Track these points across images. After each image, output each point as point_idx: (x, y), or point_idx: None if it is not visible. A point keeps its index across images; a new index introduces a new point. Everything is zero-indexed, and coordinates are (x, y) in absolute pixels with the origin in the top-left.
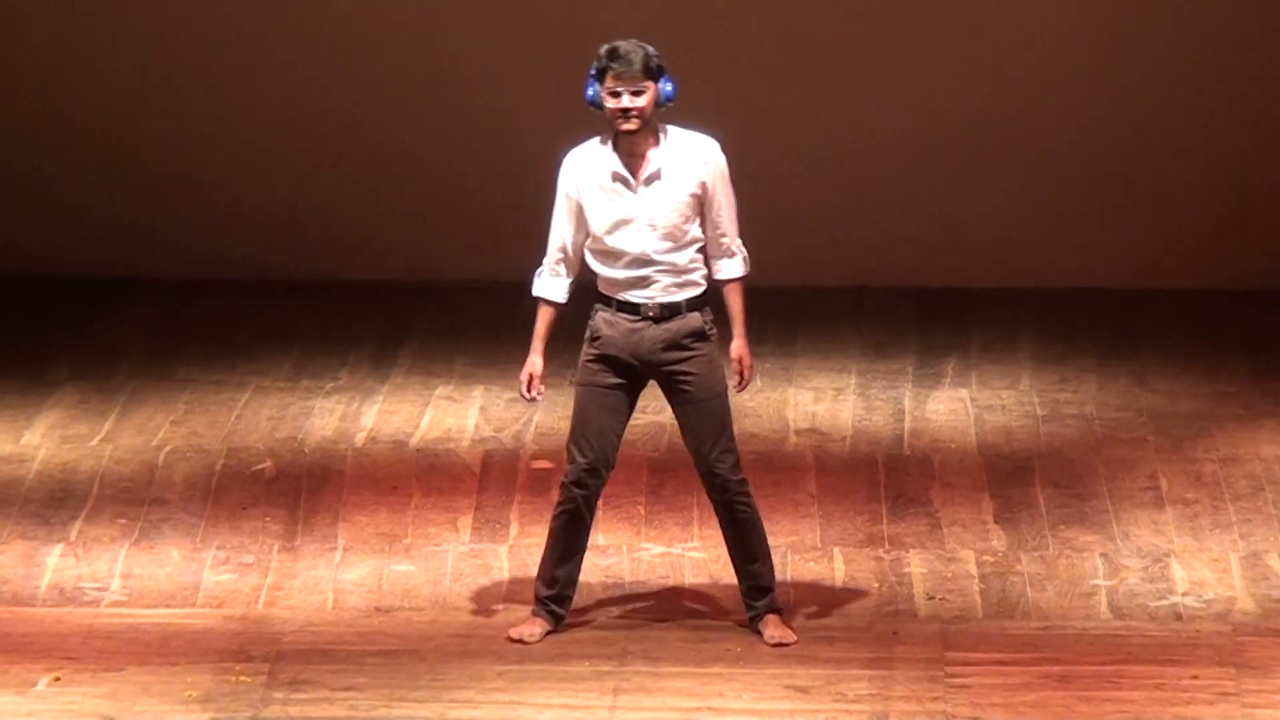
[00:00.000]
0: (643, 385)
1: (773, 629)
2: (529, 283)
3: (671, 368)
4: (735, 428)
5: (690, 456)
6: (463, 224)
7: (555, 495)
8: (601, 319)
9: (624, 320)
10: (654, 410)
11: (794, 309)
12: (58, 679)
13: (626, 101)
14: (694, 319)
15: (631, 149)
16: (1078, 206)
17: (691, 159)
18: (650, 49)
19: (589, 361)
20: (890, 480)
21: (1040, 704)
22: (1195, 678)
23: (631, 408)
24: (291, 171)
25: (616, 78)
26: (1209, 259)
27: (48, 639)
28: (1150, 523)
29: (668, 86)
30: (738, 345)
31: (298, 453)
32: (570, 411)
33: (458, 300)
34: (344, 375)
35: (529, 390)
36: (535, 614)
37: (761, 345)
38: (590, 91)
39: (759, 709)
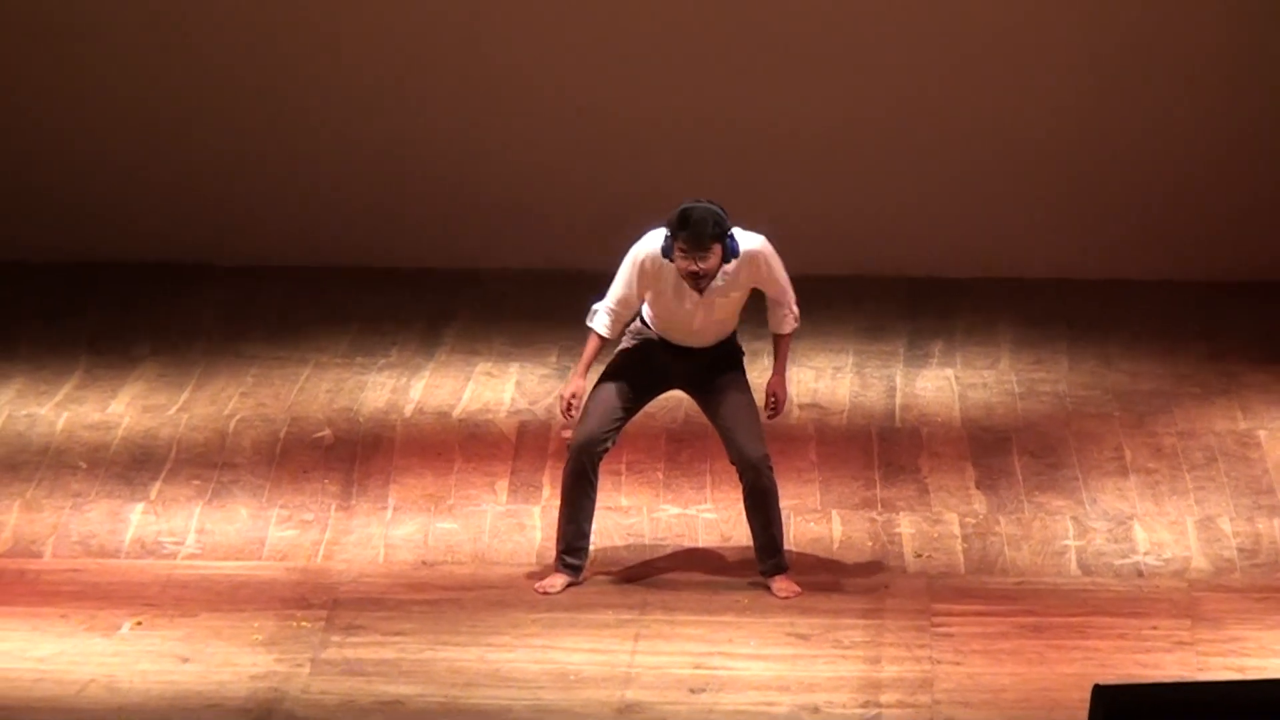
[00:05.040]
0: (666, 389)
1: (780, 583)
2: (560, 271)
3: (704, 378)
4: None
5: (716, 436)
6: (502, 219)
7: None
8: (645, 331)
9: (665, 346)
10: None
11: (798, 296)
12: (139, 623)
13: (696, 266)
14: (728, 344)
15: None
16: (1052, 205)
17: (746, 270)
18: (718, 214)
19: (624, 351)
20: (883, 450)
21: (1016, 651)
22: (1155, 628)
23: (645, 402)
24: (349, 171)
25: (687, 243)
26: (1170, 253)
27: (130, 588)
28: (1115, 489)
29: (732, 244)
30: (775, 380)
31: (353, 422)
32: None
33: (496, 287)
34: (394, 353)
35: (569, 411)
36: (556, 568)
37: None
38: (664, 246)
39: (764, 654)
